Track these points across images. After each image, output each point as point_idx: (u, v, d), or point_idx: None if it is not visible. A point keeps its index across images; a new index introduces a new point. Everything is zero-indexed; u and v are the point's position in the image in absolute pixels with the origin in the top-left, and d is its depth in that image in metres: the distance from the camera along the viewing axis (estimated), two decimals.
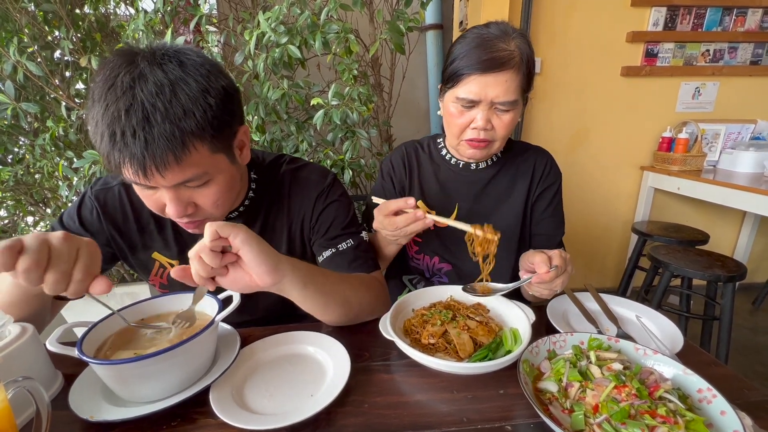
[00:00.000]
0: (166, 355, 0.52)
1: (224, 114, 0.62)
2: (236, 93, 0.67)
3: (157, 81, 0.56)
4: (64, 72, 1.64)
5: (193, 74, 0.59)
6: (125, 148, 0.55)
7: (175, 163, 0.57)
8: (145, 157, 0.55)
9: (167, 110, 0.55)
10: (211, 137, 0.60)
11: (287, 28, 1.32)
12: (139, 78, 0.56)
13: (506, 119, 0.83)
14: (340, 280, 0.72)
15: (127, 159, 0.56)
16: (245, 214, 0.81)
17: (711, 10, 2.23)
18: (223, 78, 0.63)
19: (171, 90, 0.56)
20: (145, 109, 0.55)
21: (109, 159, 0.57)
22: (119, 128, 0.54)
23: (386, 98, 1.89)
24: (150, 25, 1.42)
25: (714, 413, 0.48)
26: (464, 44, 0.82)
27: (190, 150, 0.58)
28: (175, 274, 0.54)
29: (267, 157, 0.87)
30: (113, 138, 0.55)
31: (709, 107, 2.40)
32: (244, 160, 0.72)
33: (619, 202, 2.57)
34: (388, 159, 1.06)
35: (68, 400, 0.54)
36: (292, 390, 0.58)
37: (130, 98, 0.55)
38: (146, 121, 0.55)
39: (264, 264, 0.55)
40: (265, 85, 1.40)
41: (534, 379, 0.56)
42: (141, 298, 0.69)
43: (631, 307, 0.78)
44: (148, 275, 0.84)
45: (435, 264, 1.01)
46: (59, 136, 1.47)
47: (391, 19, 1.39)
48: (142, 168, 0.56)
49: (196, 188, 0.64)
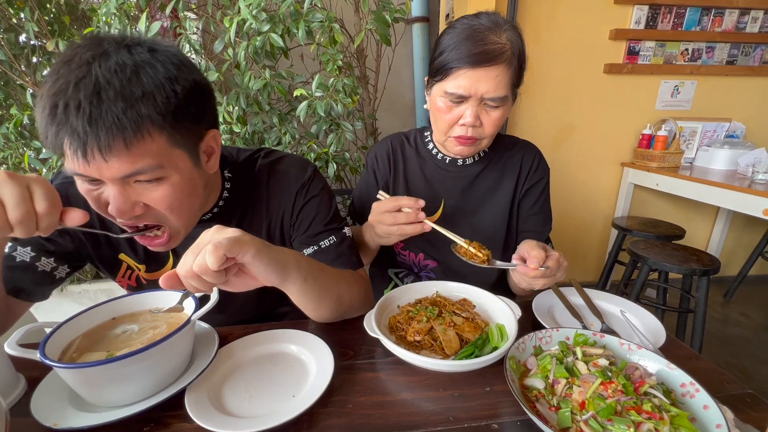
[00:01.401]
0: (139, 356, 0.49)
1: (190, 106, 0.55)
2: (209, 93, 0.61)
3: (119, 60, 0.50)
4: (30, 57, 1.55)
5: (163, 61, 0.53)
6: (65, 123, 0.47)
7: (124, 148, 0.50)
8: (87, 134, 0.48)
9: (123, 88, 0.49)
10: (171, 127, 0.54)
11: (269, 15, 1.28)
12: (100, 56, 0.50)
13: (495, 116, 0.81)
14: (336, 276, 0.69)
15: (66, 136, 0.48)
16: (219, 217, 0.76)
17: (690, 10, 2.27)
18: (197, 73, 0.58)
19: (133, 70, 0.50)
20: (97, 84, 0.48)
21: (46, 135, 0.50)
22: (63, 100, 0.47)
23: (372, 91, 1.86)
24: (123, 9, 1.34)
25: (697, 408, 0.48)
26: (453, 35, 0.79)
27: (144, 136, 0.51)
28: (164, 283, 0.48)
29: (242, 154, 0.82)
30: (54, 110, 0.48)
31: (687, 105, 2.46)
32: (210, 168, 0.65)
33: (600, 198, 2.62)
34: (373, 152, 1.03)
35: (30, 406, 0.51)
36: (273, 391, 0.56)
37: (84, 71, 0.48)
38: (96, 95, 0.48)
39: (275, 272, 0.53)
40: (246, 74, 1.36)
41: (521, 375, 0.55)
42: (116, 295, 0.66)
43: (613, 301, 0.79)
44: (114, 276, 0.79)
45: (421, 260, 1.00)
46: (24, 125, 1.39)
47: (376, 9, 1.36)
48: (81, 148, 0.48)
49: (147, 184, 0.55)
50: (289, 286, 0.59)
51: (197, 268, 0.47)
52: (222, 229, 0.51)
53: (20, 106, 1.39)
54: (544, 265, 0.68)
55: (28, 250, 0.68)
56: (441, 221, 0.93)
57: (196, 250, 0.48)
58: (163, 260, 0.78)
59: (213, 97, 0.64)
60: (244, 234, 0.51)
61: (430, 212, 0.93)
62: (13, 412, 0.52)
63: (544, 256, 0.68)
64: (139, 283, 0.79)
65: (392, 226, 0.77)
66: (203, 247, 0.48)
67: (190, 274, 0.47)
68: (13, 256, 0.67)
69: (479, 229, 0.95)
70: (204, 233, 0.51)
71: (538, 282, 0.70)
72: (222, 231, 0.51)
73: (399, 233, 0.78)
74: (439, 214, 0.94)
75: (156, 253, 0.75)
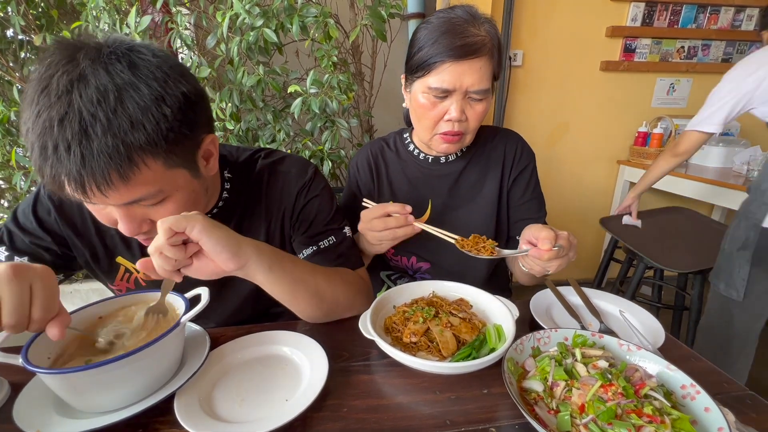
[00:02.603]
0: (126, 360, 0.47)
1: (183, 125, 0.54)
2: (201, 99, 0.59)
3: (99, 86, 0.48)
4: (18, 52, 1.51)
5: (146, 78, 0.50)
6: (59, 164, 0.47)
7: (121, 182, 0.50)
8: (82, 176, 0.47)
9: (110, 121, 0.47)
10: (166, 152, 0.53)
11: (263, 10, 1.26)
12: (78, 80, 0.47)
13: (479, 109, 0.80)
14: (311, 270, 0.68)
15: (62, 176, 0.48)
16: (218, 216, 0.74)
17: (686, 7, 2.27)
18: (184, 82, 0.55)
19: (116, 97, 0.48)
20: (83, 120, 0.46)
21: (42, 174, 0.49)
22: (51, 141, 0.46)
23: (367, 87, 1.84)
24: (113, 3, 1.31)
25: (698, 410, 0.47)
26: (431, 29, 0.77)
27: (140, 167, 0.50)
28: (141, 266, 0.52)
29: (242, 154, 0.81)
30: (44, 151, 0.47)
31: (682, 103, 2.47)
32: (210, 171, 0.64)
33: (596, 196, 2.62)
34: (354, 161, 1.01)
35: (12, 412, 0.49)
36: (265, 395, 0.55)
37: (66, 105, 0.46)
38: (83, 134, 0.46)
39: (225, 250, 0.53)
40: (240, 70, 1.33)
41: (519, 377, 0.54)
42: (108, 295, 0.64)
43: (612, 300, 0.78)
44: (112, 281, 0.77)
45: (414, 263, 0.98)
46: (12, 122, 1.36)
47: (372, 4, 1.34)
48: (80, 187, 0.49)
49: (151, 206, 0.57)
50: (252, 275, 0.59)
51: (155, 243, 0.50)
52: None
53: (7, 102, 1.36)
54: (556, 245, 0.65)
55: (25, 259, 0.67)
56: (430, 221, 0.91)
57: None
58: None
59: (206, 101, 0.61)
60: (199, 214, 0.53)
61: (418, 214, 0.91)
62: None
63: (554, 236, 0.65)
64: (138, 285, 0.78)
65: (383, 232, 0.76)
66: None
67: (152, 251, 0.51)
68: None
69: (469, 223, 0.94)
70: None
71: (552, 264, 0.67)
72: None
73: (391, 237, 0.77)
74: (428, 214, 0.92)
75: None
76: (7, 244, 0.68)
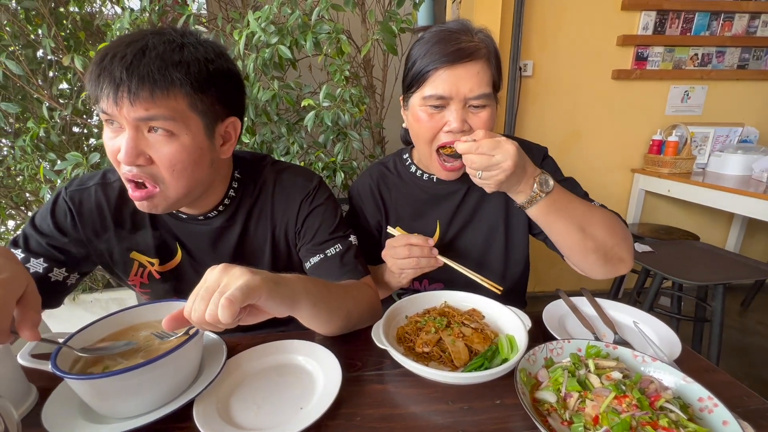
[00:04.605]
0: (148, 368, 0.49)
1: (217, 85, 0.64)
2: (238, 83, 0.69)
3: (170, 36, 0.60)
4: (47, 72, 1.59)
5: (206, 47, 0.63)
6: (109, 68, 0.56)
7: (149, 97, 0.57)
8: (122, 79, 0.55)
9: (165, 53, 0.58)
10: (194, 94, 0.61)
11: (278, 28, 1.30)
12: (158, 32, 0.60)
13: (484, 116, 0.74)
14: (344, 294, 0.69)
15: (106, 81, 0.56)
16: (225, 214, 0.78)
17: (699, 15, 2.25)
18: (233, 65, 0.68)
19: (179, 44, 0.60)
20: (145, 46, 0.57)
21: (90, 79, 0.58)
22: (112, 52, 0.57)
23: (378, 100, 1.88)
24: (136, 24, 1.38)
25: (716, 423, 0.46)
26: (422, 43, 0.75)
27: (168, 93, 0.58)
28: (168, 326, 0.49)
29: (250, 158, 0.85)
30: (103, 59, 0.57)
31: (697, 110, 2.43)
32: (223, 153, 0.70)
33: (610, 205, 2.53)
34: (355, 189, 0.98)
35: (41, 417, 0.51)
36: (280, 402, 0.56)
37: (139, 37, 0.58)
38: (141, 53, 0.57)
39: (284, 305, 0.53)
40: (255, 86, 1.38)
41: (531, 388, 0.54)
42: (128, 304, 0.66)
43: (626, 311, 0.77)
44: (127, 276, 0.80)
45: (426, 285, 0.96)
46: (41, 138, 1.43)
47: (383, 19, 1.38)
48: (114, 89, 0.56)
49: (158, 137, 0.60)
50: (299, 313, 0.59)
51: (210, 318, 0.46)
52: (229, 269, 0.50)
53: (36, 119, 1.43)
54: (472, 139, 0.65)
55: (41, 261, 0.70)
56: (439, 242, 0.91)
57: (205, 295, 0.47)
58: (172, 252, 0.79)
59: (242, 88, 0.72)
60: (253, 276, 0.49)
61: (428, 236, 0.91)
62: (25, 423, 0.52)
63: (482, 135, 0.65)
64: (151, 278, 0.80)
65: (406, 260, 0.76)
66: (212, 292, 0.47)
67: (203, 322, 0.47)
68: (27, 267, 0.68)
69: (477, 240, 0.92)
70: (209, 273, 0.50)
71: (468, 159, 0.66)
72: (230, 275, 0.49)
73: (414, 266, 0.77)
74: (437, 236, 0.91)
75: (165, 246, 0.78)
76: (22, 247, 0.71)
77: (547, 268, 2.54)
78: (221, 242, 0.80)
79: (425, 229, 0.92)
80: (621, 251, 0.76)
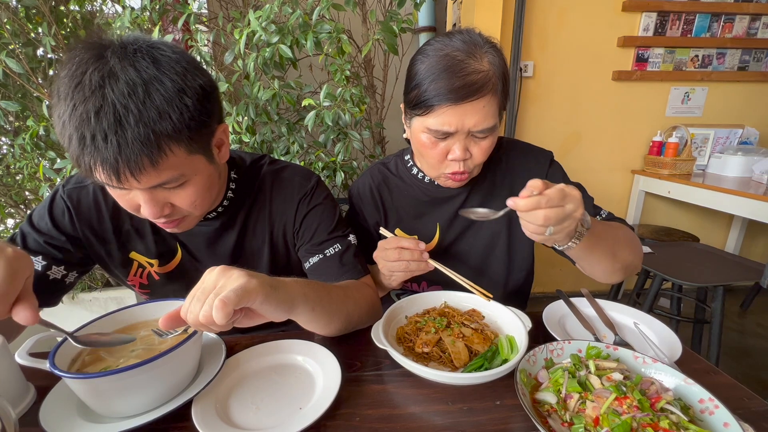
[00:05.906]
0: (146, 367, 0.49)
1: (201, 114, 0.59)
2: (214, 90, 0.64)
3: (129, 80, 0.52)
4: (47, 70, 1.59)
5: (168, 73, 0.55)
6: (96, 152, 0.52)
7: (151, 167, 0.54)
8: (118, 162, 0.52)
9: (141, 112, 0.52)
10: (188, 139, 0.57)
11: (278, 27, 1.30)
12: (109, 76, 0.52)
13: (485, 145, 0.76)
14: (344, 296, 0.69)
15: (98, 163, 0.52)
16: (224, 215, 0.78)
17: (700, 17, 2.25)
18: (200, 75, 0.60)
19: (144, 90, 0.52)
20: (116, 112, 0.51)
21: (79, 162, 0.54)
22: (89, 131, 0.51)
23: (379, 100, 1.87)
24: (137, 23, 1.38)
25: (717, 425, 0.46)
26: (428, 65, 0.72)
27: (166, 153, 0.55)
28: (165, 325, 0.49)
29: (247, 158, 0.84)
30: (83, 141, 0.51)
31: (698, 112, 2.43)
32: (222, 158, 0.69)
33: (610, 206, 2.56)
34: (355, 189, 0.97)
35: (38, 416, 0.51)
36: (279, 402, 0.56)
37: (100, 99, 0.51)
38: (118, 124, 0.51)
39: (280, 309, 0.53)
40: (256, 85, 1.37)
41: (531, 389, 0.54)
42: (127, 303, 0.66)
43: (626, 312, 0.77)
44: (126, 276, 0.80)
45: (425, 287, 0.96)
46: (40, 136, 1.42)
47: (384, 19, 1.38)
48: (115, 173, 0.53)
49: (172, 189, 0.61)
50: (297, 317, 0.59)
51: (204, 319, 0.46)
52: (227, 271, 0.50)
53: (36, 117, 1.43)
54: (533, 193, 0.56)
55: (39, 259, 0.69)
56: (438, 246, 0.91)
57: (201, 296, 0.48)
58: (172, 253, 0.79)
59: (218, 92, 0.66)
60: (250, 279, 0.49)
61: (427, 240, 0.90)
62: (23, 422, 0.52)
63: (540, 185, 0.56)
64: (150, 279, 0.80)
65: (396, 263, 0.76)
66: (209, 293, 0.48)
67: (197, 323, 0.47)
68: None
69: (478, 244, 0.92)
70: (208, 274, 0.50)
71: (537, 215, 0.56)
72: (227, 276, 0.49)
73: (403, 269, 0.77)
74: (437, 240, 0.90)
75: (165, 247, 0.78)
76: (19, 244, 0.70)
77: (547, 269, 2.54)
78: (220, 243, 0.80)
79: (425, 231, 0.92)
80: (638, 262, 0.80)
